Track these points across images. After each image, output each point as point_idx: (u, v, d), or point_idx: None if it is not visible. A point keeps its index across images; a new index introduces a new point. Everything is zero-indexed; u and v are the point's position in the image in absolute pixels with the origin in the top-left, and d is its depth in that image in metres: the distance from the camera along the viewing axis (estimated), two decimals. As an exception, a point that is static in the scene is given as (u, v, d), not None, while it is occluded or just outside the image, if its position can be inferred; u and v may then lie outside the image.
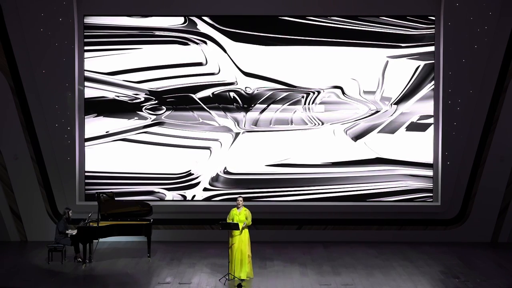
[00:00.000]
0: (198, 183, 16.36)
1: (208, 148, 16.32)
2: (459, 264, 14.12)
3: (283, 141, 16.28)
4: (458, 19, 15.76)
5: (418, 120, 16.24)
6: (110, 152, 16.31)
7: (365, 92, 16.18)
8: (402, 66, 16.19)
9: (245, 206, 13.07)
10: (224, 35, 16.16)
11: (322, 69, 16.16)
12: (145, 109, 16.25)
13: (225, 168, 16.36)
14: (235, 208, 12.97)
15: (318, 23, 16.11)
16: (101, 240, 14.48)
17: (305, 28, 16.10)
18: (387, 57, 16.14)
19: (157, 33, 16.15)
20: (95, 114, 16.27)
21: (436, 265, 14.04)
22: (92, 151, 16.29)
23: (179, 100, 16.24)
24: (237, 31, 16.14)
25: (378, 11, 16.03)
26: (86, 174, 16.29)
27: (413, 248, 15.47)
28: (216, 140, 16.32)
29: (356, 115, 16.23)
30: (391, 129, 16.24)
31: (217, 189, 16.37)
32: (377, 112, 16.22)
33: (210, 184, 16.37)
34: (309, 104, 16.20)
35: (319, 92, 16.20)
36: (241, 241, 12.77)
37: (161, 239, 15.64)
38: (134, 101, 16.26)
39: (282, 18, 16.09)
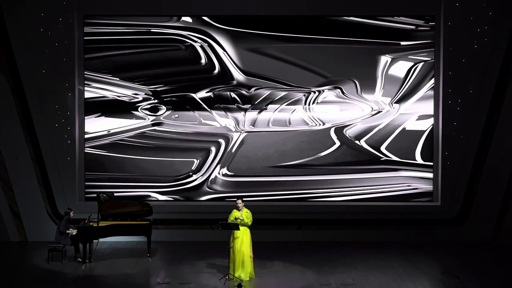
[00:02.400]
0: (197, 185, 16.35)
1: (207, 149, 16.32)
2: (459, 264, 14.12)
3: (283, 141, 16.26)
4: (458, 19, 15.76)
5: (417, 120, 16.25)
6: (110, 153, 16.31)
7: (364, 92, 16.18)
8: (402, 66, 16.18)
9: (245, 206, 13.08)
10: (223, 33, 16.15)
11: (322, 68, 16.14)
12: (145, 109, 16.24)
13: (223, 170, 16.35)
14: (237, 210, 12.97)
15: (317, 20, 16.13)
16: (101, 240, 14.48)
17: (305, 27, 16.09)
18: (387, 56, 16.13)
19: (153, 30, 16.12)
20: (96, 114, 16.27)
21: (436, 265, 14.05)
22: (92, 151, 16.29)
23: (179, 99, 16.23)
24: (236, 29, 16.12)
25: (378, 10, 16.02)
26: (86, 174, 16.27)
27: (413, 248, 15.46)
28: (215, 141, 16.31)
29: (356, 115, 16.22)
30: (390, 129, 16.24)
31: (215, 191, 16.35)
32: (379, 112, 16.20)
33: (208, 187, 16.35)
34: (309, 104, 16.19)
35: (319, 92, 16.20)
36: (243, 242, 12.77)
37: (161, 239, 15.63)
38: (134, 102, 16.25)
39: (281, 16, 16.09)
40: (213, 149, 16.30)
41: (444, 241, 16.04)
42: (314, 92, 16.19)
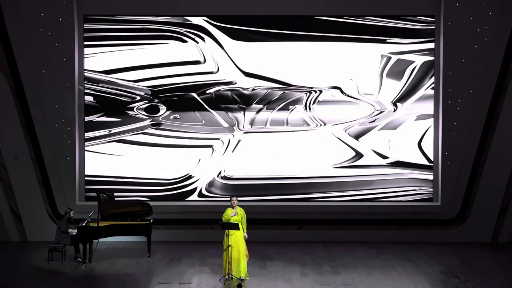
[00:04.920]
0: (195, 188, 16.33)
1: (210, 146, 16.30)
2: (459, 264, 14.12)
3: (282, 142, 16.23)
4: (458, 19, 15.76)
5: (417, 119, 16.25)
6: (110, 153, 16.29)
7: (364, 91, 16.17)
8: (402, 65, 16.18)
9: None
10: (223, 33, 16.12)
11: (321, 67, 16.12)
12: (145, 109, 16.24)
13: (222, 172, 16.31)
14: (230, 208, 12.99)
15: (317, 19, 16.12)
16: (101, 240, 14.47)
17: (305, 26, 16.07)
18: (386, 55, 16.12)
19: (152, 27, 16.08)
20: (97, 115, 16.25)
21: (436, 265, 14.05)
22: (92, 151, 16.28)
23: (179, 99, 16.21)
24: (234, 27, 16.09)
25: (378, 10, 16.02)
26: (86, 174, 16.27)
27: (413, 248, 15.47)
28: (212, 143, 16.27)
29: (356, 115, 16.22)
30: (390, 128, 16.23)
31: (213, 195, 16.32)
32: (379, 112, 16.19)
33: (206, 190, 16.33)
34: (309, 104, 16.17)
35: (320, 92, 16.19)
36: (237, 240, 12.77)
37: (161, 239, 15.63)
38: (134, 102, 16.25)
39: (281, 16, 16.08)
40: (212, 150, 16.29)
41: (444, 241, 16.04)
42: (315, 92, 16.18)
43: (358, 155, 16.26)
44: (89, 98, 16.24)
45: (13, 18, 15.71)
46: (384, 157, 16.27)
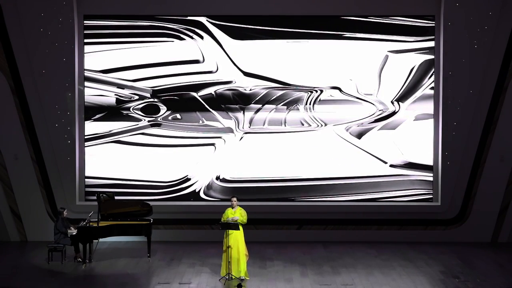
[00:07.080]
0: (193, 191, 16.31)
1: (211, 144, 16.29)
2: (459, 264, 14.13)
3: (282, 142, 16.21)
4: (458, 19, 15.76)
5: (415, 120, 16.24)
6: (109, 153, 16.29)
7: (364, 91, 16.16)
8: (401, 65, 16.17)
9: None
10: (223, 32, 16.10)
11: (321, 67, 16.11)
12: (145, 110, 16.23)
13: (220, 175, 16.29)
14: (230, 207, 13.00)
15: (317, 19, 16.12)
16: (101, 240, 14.48)
17: (305, 25, 16.06)
18: (386, 54, 16.11)
19: (146, 23, 16.08)
20: (97, 115, 16.23)
21: (436, 265, 14.04)
22: (92, 151, 16.28)
23: (180, 99, 16.19)
24: (233, 25, 16.08)
25: (378, 10, 16.02)
26: (86, 174, 16.27)
27: (413, 248, 15.47)
28: (212, 143, 16.25)
29: (356, 115, 16.21)
30: (390, 128, 16.22)
31: (211, 199, 16.32)
32: (379, 112, 16.19)
33: (205, 193, 16.31)
34: (310, 104, 16.16)
35: (321, 91, 16.18)
36: (237, 240, 12.78)
37: (161, 239, 15.63)
38: (134, 102, 16.24)
39: (281, 15, 16.08)
40: (214, 149, 16.28)
41: (444, 241, 16.04)
42: (316, 91, 16.17)
43: (358, 155, 16.23)
44: (89, 98, 16.24)
45: (13, 18, 15.71)
46: (383, 157, 16.25)
